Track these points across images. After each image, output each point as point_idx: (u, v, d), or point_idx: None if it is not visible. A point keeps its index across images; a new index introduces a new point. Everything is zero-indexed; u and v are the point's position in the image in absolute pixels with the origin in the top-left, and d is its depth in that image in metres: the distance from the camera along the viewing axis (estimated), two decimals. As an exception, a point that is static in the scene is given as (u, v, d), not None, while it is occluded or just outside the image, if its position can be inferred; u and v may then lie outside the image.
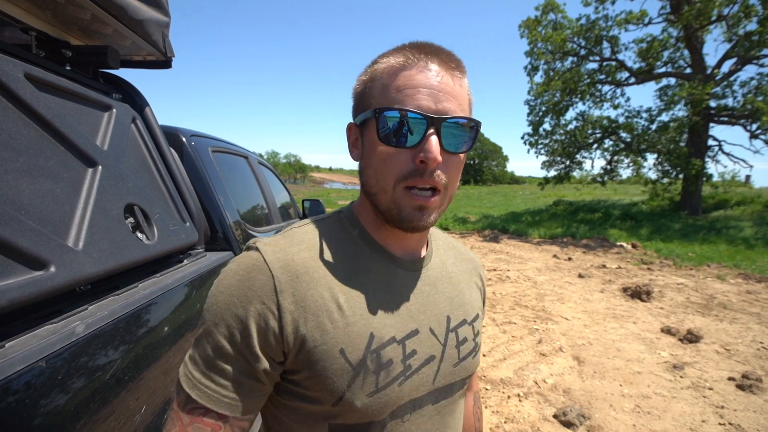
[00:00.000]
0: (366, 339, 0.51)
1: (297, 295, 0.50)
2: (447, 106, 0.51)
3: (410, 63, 0.52)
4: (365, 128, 0.55)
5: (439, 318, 0.59)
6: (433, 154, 0.49)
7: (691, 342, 3.63)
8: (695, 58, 12.30)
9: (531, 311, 4.46)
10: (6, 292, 0.58)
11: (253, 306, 0.48)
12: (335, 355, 0.49)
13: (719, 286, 5.60)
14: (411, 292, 0.58)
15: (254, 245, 0.53)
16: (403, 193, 0.52)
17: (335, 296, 0.52)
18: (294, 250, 0.53)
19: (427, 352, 0.56)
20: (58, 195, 0.78)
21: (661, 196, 13.58)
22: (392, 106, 0.51)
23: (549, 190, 18.33)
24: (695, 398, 2.73)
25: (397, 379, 0.53)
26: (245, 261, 0.52)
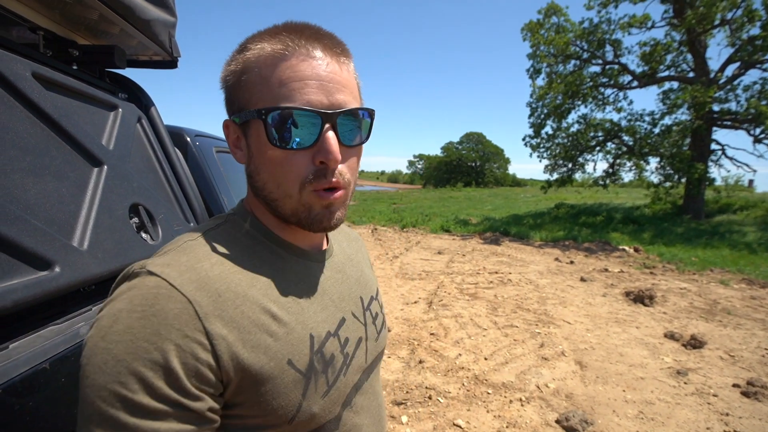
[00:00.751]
0: (308, 342, 0.49)
1: (225, 317, 0.42)
2: (339, 98, 0.47)
3: (291, 50, 0.47)
4: (248, 128, 0.50)
5: (355, 301, 0.60)
6: (334, 153, 0.46)
7: (695, 348, 3.61)
8: (698, 62, 12.29)
9: (533, 315, 4.44)
10: (11, 293, 0.57)
11: (171, 343, 0.38)
12: (284, 368, 0.45)
13: (723, 291, 5.57)
14: (328, 283, 0.57)
15: (144, 270, 0.42)
16: (311, 195, 0.48)
17: (266, 307, 0.46)
18: (205, 266, 0.44)
19: (356, 336, 0.57)
20: (64, 194, 0.78)
21: (663, 200, 13.54)
22: (278, 104, 0.46)
23: (551, 193, 18.29)
24: (699, 405, 2.71)
25: (342, 371, 0.52)
26: (141, 292, 0.40)
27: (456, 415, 2.55)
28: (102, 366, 0.37)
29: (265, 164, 0.49)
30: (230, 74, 0.50)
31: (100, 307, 0.43)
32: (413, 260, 7.34)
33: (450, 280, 5.91)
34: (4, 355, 0.54)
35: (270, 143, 0.47)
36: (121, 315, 0.39)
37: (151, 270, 0.42)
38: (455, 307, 4.64)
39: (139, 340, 0.38)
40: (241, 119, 0.49)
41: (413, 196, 29.41)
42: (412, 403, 2.68)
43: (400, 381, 2.95)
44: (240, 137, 0.52)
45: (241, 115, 0.49)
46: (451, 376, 3.06)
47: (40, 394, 0.54)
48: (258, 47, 0.48)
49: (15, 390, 0.50)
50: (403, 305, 4.73)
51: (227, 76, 0.51)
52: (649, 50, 12.87)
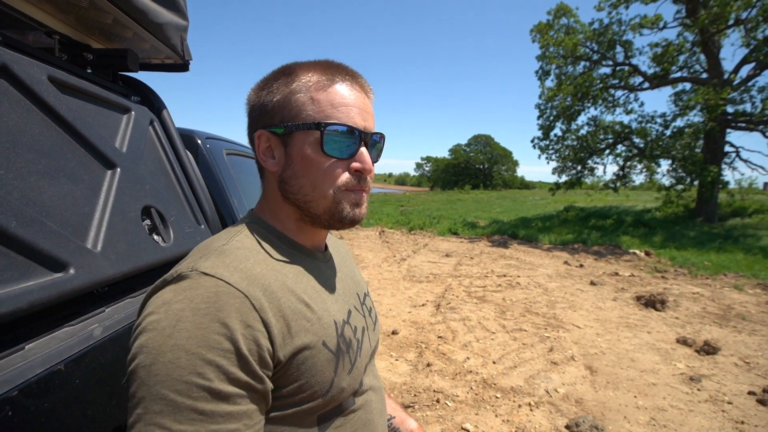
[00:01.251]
0: (333, 327, 0.57)
1: (273, 308, 0.49)
2: (370, 124, 0.59)
3: (339, 80, 0.57)
4: (291, 139, 0.57)
5: (354, 296, 0.69)
6: (368, 164, 0.58)
7: (709, 354, 3.53)
8: (712, 63, 12.09)
9: (542, 318, 4.40)
10: (27, 294, 0.58)
11: (238, 333, 0.44)
12: (321, 348, 0.53)
13: (737, 296, 5.45)
14: (333, 279, 0.65)
15: (195, 272, 0.47)
16: (343, 194, 0.58)
17: (300, 297, 0.54)
18: (248, 266, 0.51)
19: (360, 325, 0.65)
20: (78, 197, 0.78)
21: (675, 203, 13.32)
22: (331, 120, 0.55)
23: (560, 196, 18.14)
24: (713, 412, 2.65)
25: (358, 352, 0.61)
26: (200, 292, 0.45)
27: (464, 419, 2.53)
28: (175, 361, 0.41)
29: (308, 169, 0.57)
30: (275, 92, 0.58)
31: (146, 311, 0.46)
32: (421, 263, 7.32)
33: (458, 283, 5.88)
34: (20, 356, 0.55)
35: (321, 151, 0.56)
36: (184, 314, 0.43)
37: (204, 271, 0.47)
38: (463, 311, 4.61)
39: (210, 333, 0.42)
40: (285, 130, 0.57)
41: (421, 198, 29.36)
42: (419, 406, 2.67)
43: (407, 384, 2.94)
44: (272, 147, 0.60)
45: (287, 127, 0.57)
46: (459, 379, 3.03)
47: (56, 396, 0.55)
48: (308, 75, 0.58)
49: (31, 391, 0.51)
50: (410, 308, 4.71)
51: (268, 94, 0.59)
52: (660, 51, 12.70)
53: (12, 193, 0.63)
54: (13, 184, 0.65)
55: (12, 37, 0.86)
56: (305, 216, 0.60)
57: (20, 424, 0.49)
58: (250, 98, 0.62)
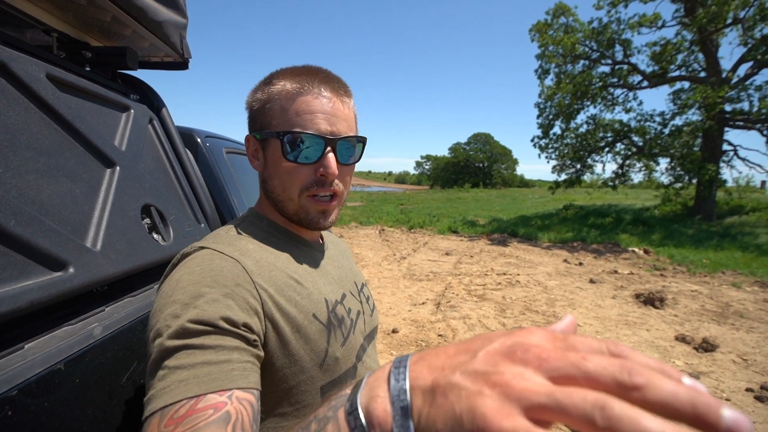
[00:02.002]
0: (324, 303, 0.61)
1: (264, 277, 0.55)
2: (339, 128, 0.62)
3: (306, 89, 0.61)
4: (267, 144, 0.64)
5: (350, 283, 0.74)
6: (332, 169, 0.61)
7: (707, 351, 3.54)
8: (710, 62, 12.10)
9: (542, 316, 4.40)
10: (26, 293, 0.58)
11: (228, 288, 0.50)
12: (311, 319, 0.57)
13: (735, 293, 5.47)
14: (328, 266, 0.71)
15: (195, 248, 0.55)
16: (308, 200, 0.63)
17: (291, 275, 0.59)
18: (242, 244, 0.58)
19: (356, 308, 0.70)
20: (77, 195, 0.78)
21: (673, 201, 13.34)
22: (293, 129, 0.60)
23: (559, 194, 18.15)
24: (712, 409, 2.66)
25: (351, 329, 0.65)
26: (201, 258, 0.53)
27: (464, 418, 2.53)
28: (171, 313, 0.47)
29: (278, 172, 0.63)
30: (256, 101, 0.65)
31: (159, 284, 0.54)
32: (421, 261, 7.32)
33: (458, 282, 5.88)
34: (20, 355, 0.55)
35: (283, 157, 0.61)
36: (183, 277, 0.51)
37: (202, 246, 0.55)
38: (463, 309, 4.61)
39: (203, 286, 0.49)
40: (262, 136, 0.64)
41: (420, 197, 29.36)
42: (419, 404, 2.67)
43: (407, 382, 2.94)
44: (258, 150, 0.66)
45: (262, 133, 0.63)
46: (459, 378, 3.04)
47: (55, 395, 0.54)
48: (280, 83, 0.63)
49: (31, 391, 0.51)
50: (410, 306, 4.71)
51: (253, 102, 0.66)
52: (659, 50, 12.70)
53: (10, 191, 0.63)
54: (12, 183, 0.64)
55: (10, 35, 0.85)
56: (282, 214, 0.66)
57: (20, 423, 0.49)
58: (246, 103, 0.69)
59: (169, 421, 0.39)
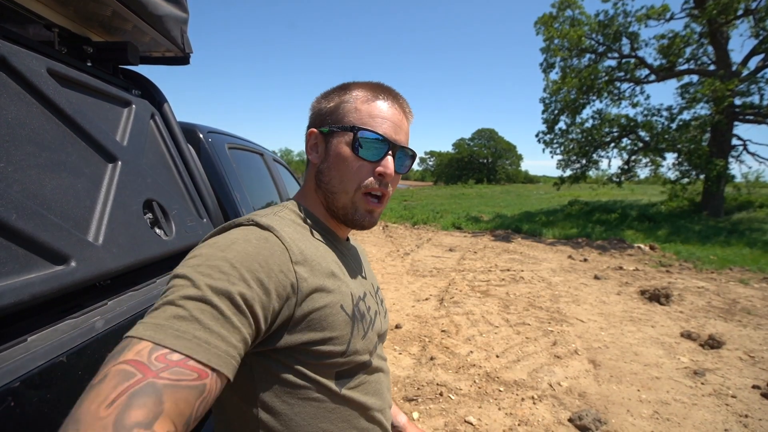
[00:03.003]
0: (350, 297, 0.64)
1: (307, 265, 0.57)
2: (401, 138, 0.68)
3: (381, 98, 0.68)
4: (332, 137, 0.67)
5: (370, 285, 0.77)
6: (390, 169, 0.66)
7: (713, 348, 3.52)
8: (720, 55, 11.90)
9: (545, 312, 4.39)
10: (28, 287, 0.58)
11: (273, 272, 0.52)
12: (339, 310, 0.60)
13: (742, 290, 5.41)
14: (353, 264, 0.74)
15: (253, 221, 0.58)
16: (360, 197, 0.66)
17: (328, 265, 0.62)
18: (289, 232, 0.60)
19: (373, 308, 0.72)
20: (79, 190, 0.78)
21: (680, 197, 13.20)
22: (365, 126, 0.65)
23: (564, 190, 18.02)
24: (717, 406, 2.64)
25: (370, 325, 0.68)
26: (255, 234, 0.55)
27: (467, 412, 2.54)
28: (219, 266, 0.49)
29: (339, 164, 0.66)
30: (329, 100, 0.70)
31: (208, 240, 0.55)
32: (424, 257, 7.31)
33: (461, 278, 5.88)
34: (23, 347, 0.55)
35: (351, 150, 0.65)
36: (238, 241, 0.53)
37: (260, 222, 0.58)
38: (467, 305, 4.61)
39: (252, 260, 0.51)
40: (329, 129, 0.68)
41: (424, 193, 29.30)
42: (423, 399, 2.68)
43: (411, 377, 2.95)
44: (319, 143, 0.70)
45: (332, 127, 0.67)
46: (463, 373, 3.04)
47: (58, 388, 0.55)
48: (358, 90, 0.69)
49: (33, 383, 0.51)
50: (414, 302, 4.72)
51: (325, 102, 0.71)
52: (667, 43, 12.52)
53: (12, 186, 0.63)
54: (14, 177, 0.64)
55: (11, 30, 0.85)
56: (329, 207, 0.69)
57: (22, 415, 0.49)
58: (313, 105, 0.73)
59: (161, 357, 0.41)
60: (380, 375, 0.71)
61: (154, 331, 0.42)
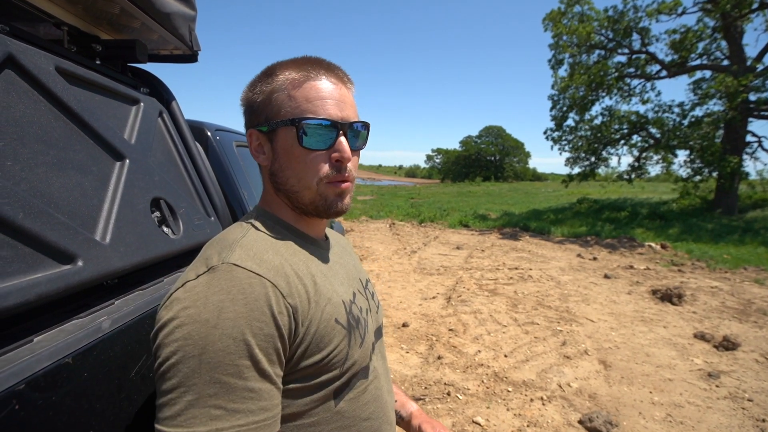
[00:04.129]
0: (342, 306, 0.61)
1: (294, 294, 0.54)
2: (348, 114, 0.62)
3: (313, 77, 0.61)
4: (275, 135, 0.62)
5: (357, 280, 0.73)
6: (347, 153, 0.60)
7: (728, 349, 3.45)
8: (734, 49, 11.65)
9: (554, 312, 4.34)
10: (35, 286, 0.57)
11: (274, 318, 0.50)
12: (334, 325, 0.58)
13: (758, 290, 5.30)
14: (337, 264, 0.70)
15: (228, 263, 0.52)
16: (325, 186, 0.61)
17: (314, 281, 0.58)
18: (269, 257, 0.56)
19: (365, 306, 0.69)
20: (87, 188, 0.78)
21: (692, 194, 12.97)
22: (305, 115, 0.59)
23: (573, 188, 17.85)
24: (733, 409, 2.58)
25: (366, 328, 0.65)
26: (236, 284, 0.50)
27: (475, 413, 2.52)
28: (225, 348, 0.46)
29: (291, 162, 0.61)
30: (258, 94, 0.63)
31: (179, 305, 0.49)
32: (431, 255, 7.28)
33: (469, 276, 5.84)
34: (28, 348, 0.54)
35: (299, 145, 0.59)
36: (225, 305, 0.48)
37: (235, 263, 0.52)
38: (474, 303, 4.58)
39: (251, 320, 0.48)
40: (269, 128, 0.62)
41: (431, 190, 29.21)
42: (430, 398, 2.66)
43: (418, 376, 2.93)
44: (263, 143, 0.64)
45: (270, 125, 0.61)
46: (470, 372, 3.02)
47: (63, 389, 0.54)
48: (285, 74, 0.61)
49: (38, 384, 0.50)
50: (421, 300, 4.70)
51: (254, 95, 0.63)
52: (679, 38, 12.28)
53: (19, 184, 0.63)
54: (21, 176, 0.64)
55: (20, 28, 0.85)
56: (295, 206, 0.64)
57: (27, 417, 0.48)
58: (242, 99, 0.67)
59: None
60: (379, 379, 0.69)
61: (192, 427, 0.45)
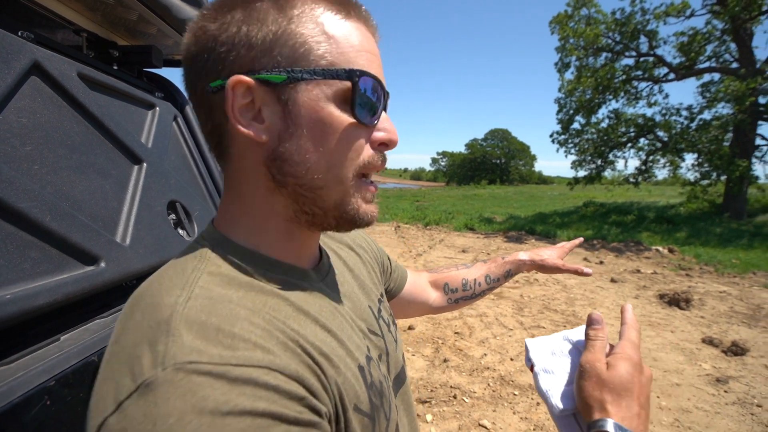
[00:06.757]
0: (361, 378, 0.41)
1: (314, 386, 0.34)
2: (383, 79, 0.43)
3: (354, 15, 0.40)
4: (296, 91, 0.38)
5: (368, 314, 0.52)
6: (396, 135, 0.43)
7: (737, 354, 3.41)
8: (743, 52, 11.56)
9: (560, 316, 4.33)
10: (62, 286, 0.59)
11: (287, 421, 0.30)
12: (353, 416, 0.39)
13: (767, 295, 5.24)
14: (339, 301, 0.48)
15: (174, 367, 0.28)
16: (358, 183, 0.41)
17: (321, 353, 0.37)
18: (244, 328, 0.32)
19: (382, 349, 0.52)
20: (107, 191, 0.80)
21: (700, 198, 12.86)
22: (359, 68, 0.39)
23: (578, 191, 17.73)
24: (742, 415, 2.56)
25: (390, 396, 0.47)
26: (205, 411, 0.27)
27: (481, 416, 2.52)
28: None
29: (324, 138, 0.39)
30: (263, 21, 0.37)
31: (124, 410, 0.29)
32: (437, 258, 7.28)
33: (474, 279, 5.83)
34: (56, 347, 0.56)
35: (343, 112, 0.39)
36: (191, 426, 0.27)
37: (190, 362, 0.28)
38: (480, 307, 4.57)
39: None
40: (290, 77, 0.37)
41: (436, 193, 29.21)
42: (436, 401, 2.66)
43: (424, 379, 2.94)
44: (258, 103, 0.38)
45: (294, 73, 0.37)
46: (477, 375, 3.01)
47: (90, 386, 0.56)
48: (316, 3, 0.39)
49: (67, 381, 0.52)
50: (426, 303, 4.70)
51: (255, 23, 0.37)
52: (687, 40, 12.21)
53: (46, 187, 0.65)
54: (47, 179, 0.66)
55: (44, 35, 0.88)
56: (303, 213, 0.41)
57: (57, 412, 0.50)
58: (200, 30, 0.39)
59: None
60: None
61: None
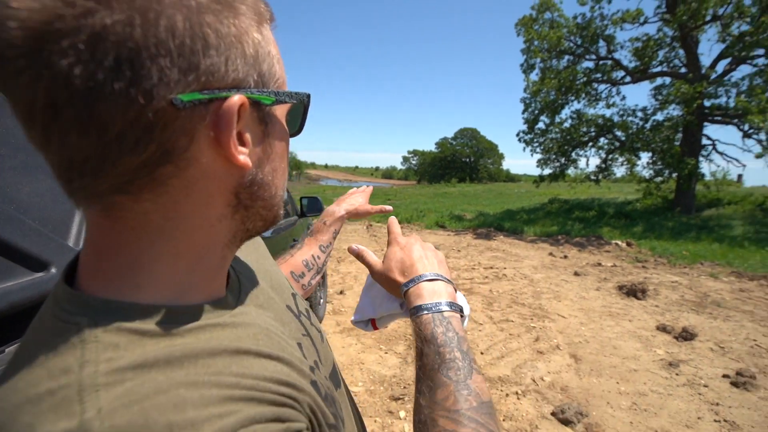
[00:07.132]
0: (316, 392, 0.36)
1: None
2: None
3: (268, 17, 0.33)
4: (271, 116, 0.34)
5: (288, 317, 0.46)
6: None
7: (686, 340, 3.67)
8: (690, 58, 12.39)
9: (528, 309, 4.48)
10: (7, 295, 0.56)
11: None
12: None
13: (713, 284, 5.66)
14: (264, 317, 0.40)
15: None
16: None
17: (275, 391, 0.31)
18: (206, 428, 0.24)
19: (314, 353, 0.45)
20: (58, 192, 0.76)
21: (654, 194, 13.70)
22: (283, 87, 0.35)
23: (544, 188, 18.44)
24: (691, 396, 2.76)
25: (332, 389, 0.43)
26: None
27: (453, 410, 2.57)
28: None
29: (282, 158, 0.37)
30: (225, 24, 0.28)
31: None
32: (408, 256, 7.34)
33: (445, 276, 5.93)
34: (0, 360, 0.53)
35: (291, 133, 0.39)
36: None
37: None
38: (451, 302, 4.66)
39: None
40: (277, 100, 0.33)
41: (408, 192, 29.43)
42: (410, 398, 2.70)
43: (397, 376, 2.97)
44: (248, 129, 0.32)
45: (278, 95, 0.33)
46: (448, 370, 3.07)
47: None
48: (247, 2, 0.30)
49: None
50: (398, 301, 4.74)
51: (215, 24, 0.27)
52: (641, 45, 12.95)
53: (-13, 189, 0.61)
54: (-12, 181, 0.62)
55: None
56: (245, 231, 0.36)
57: None
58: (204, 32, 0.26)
59: None
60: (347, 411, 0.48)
61: None
